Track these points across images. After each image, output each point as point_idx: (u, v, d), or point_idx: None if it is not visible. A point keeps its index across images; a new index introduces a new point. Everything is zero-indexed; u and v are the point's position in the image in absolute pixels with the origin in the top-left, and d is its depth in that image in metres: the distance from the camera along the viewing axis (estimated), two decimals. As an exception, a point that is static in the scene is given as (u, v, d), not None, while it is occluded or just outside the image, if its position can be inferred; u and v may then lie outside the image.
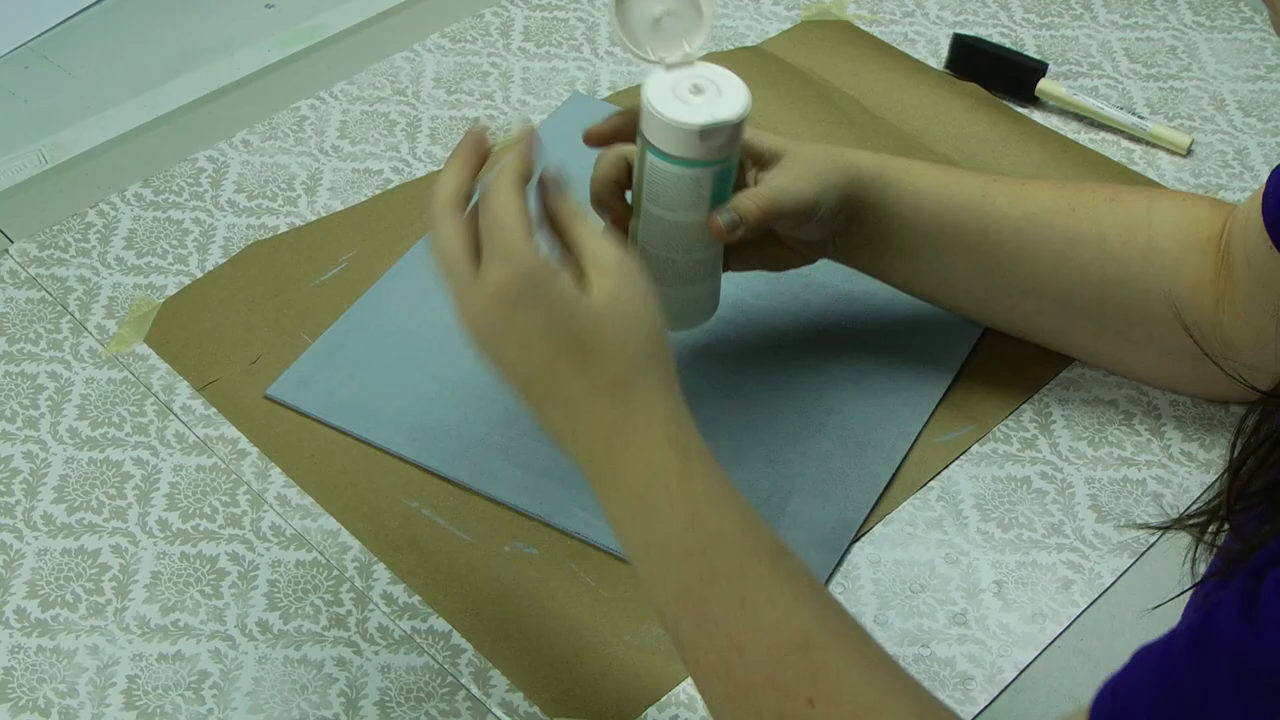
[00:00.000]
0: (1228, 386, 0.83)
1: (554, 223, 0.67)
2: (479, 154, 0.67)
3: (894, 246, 0.81)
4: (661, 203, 0.74)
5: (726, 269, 0.80)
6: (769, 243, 0.80)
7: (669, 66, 0.73)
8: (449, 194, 0.66)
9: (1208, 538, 0.57)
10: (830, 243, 0.81)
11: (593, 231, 0.66)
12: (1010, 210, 0.80)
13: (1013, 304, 0.83)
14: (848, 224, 0.80)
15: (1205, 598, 0.54)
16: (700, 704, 0.71)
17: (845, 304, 0.89)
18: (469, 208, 0.66)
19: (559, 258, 0.66)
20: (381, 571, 0.76)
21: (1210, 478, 0.82)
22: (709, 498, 0.62)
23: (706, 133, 0.70)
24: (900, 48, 1.08)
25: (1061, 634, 0.75)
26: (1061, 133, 1.02)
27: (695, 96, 0.72)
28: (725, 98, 0.72)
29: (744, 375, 0.85)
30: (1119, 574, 0.77)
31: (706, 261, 0.77)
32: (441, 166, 0.96)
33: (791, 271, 0.90)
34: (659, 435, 0.63)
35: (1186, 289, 0.79)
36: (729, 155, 0.73)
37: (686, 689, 0.72)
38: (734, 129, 0.71)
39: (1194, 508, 0.57)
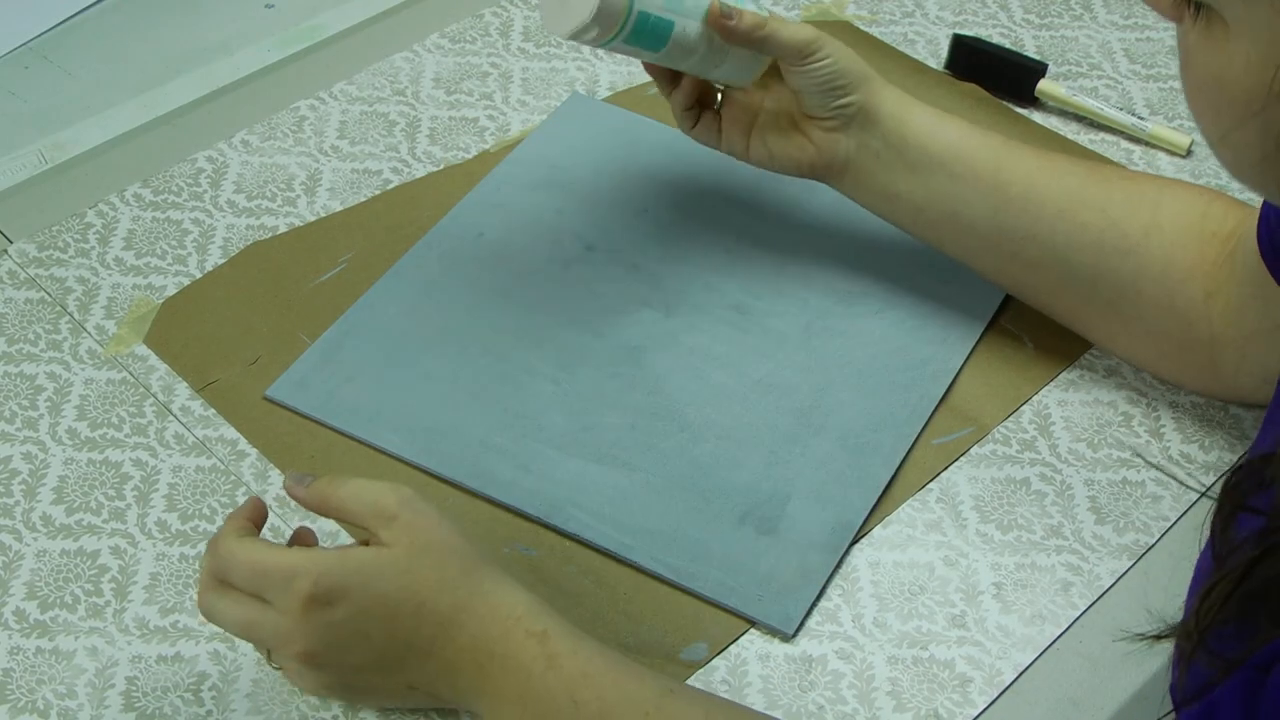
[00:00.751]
0: (1210, 380, 0.83)
1: (323, 511, 0.69)
2: (215, 546, 0.68)
3: (908, 161, 0.83)
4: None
5: (744, 153, 0.85)
6: (788, 124, 0.85)
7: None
8: (207, 580, 0.67)
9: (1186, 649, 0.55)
10: (844, 143, 0.83)
11: (357, 492, 0.67)
12: (1027, 159, 0.83)
13: (1014, 250, 0.83)
14: (863, 125, 0.83)
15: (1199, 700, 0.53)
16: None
17: (845, 304, 0.89)
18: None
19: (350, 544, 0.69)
20: (380, 573, 0.76)
21: (1210, 479, 0.81)
22: (583, 673, 0.65)
23: None
24: (900, 48, 1.08)
25: (1061, 636, 0.75)
26: (1061, 133, 1.02)
27: None
28: None
29: (743, 376, 0.85)
30: (1118, 576, 0.77)
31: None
32: (439, 167, 0.96)
33: (791, 271, 0.91)
34: (516, 634, 0.65)
35: (1180, 274, 0.80)
36: None
37: (685, 691, 0.72)
38: None
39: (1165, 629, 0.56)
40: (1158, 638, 0.55)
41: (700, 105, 0.86)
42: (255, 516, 0.69)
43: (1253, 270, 0.76)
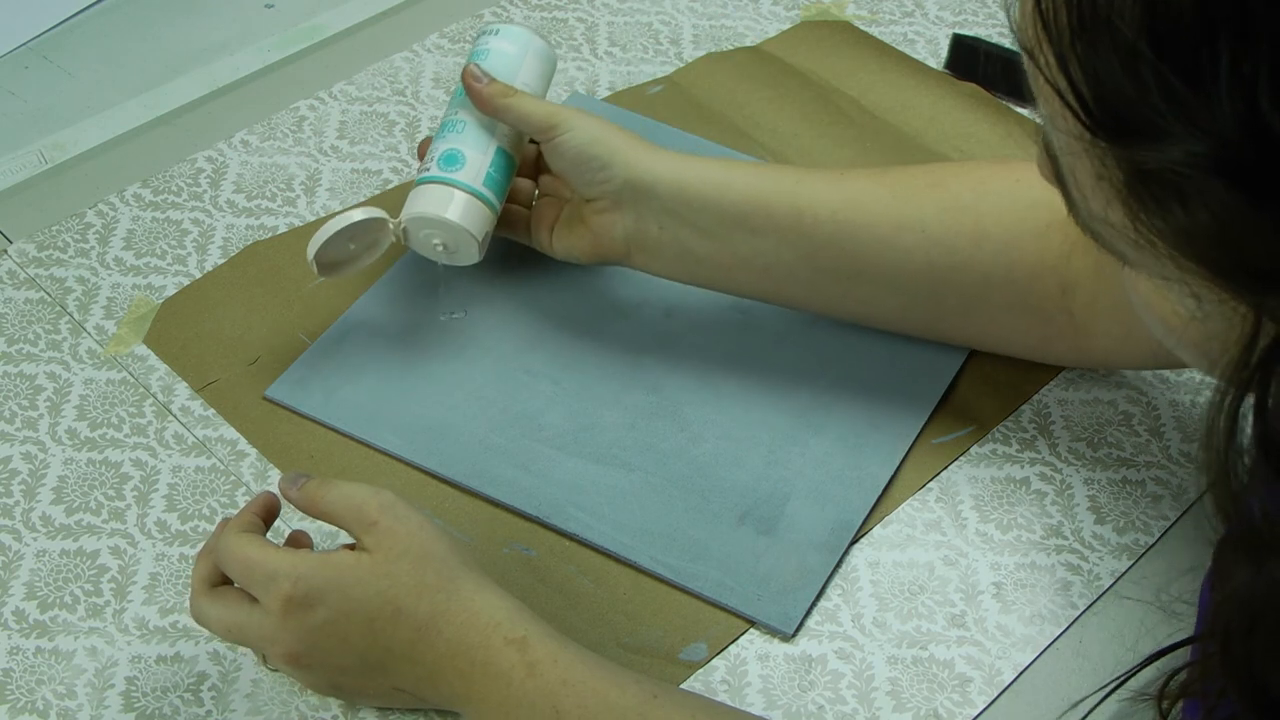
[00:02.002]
0: (1077, 355, 0.82)
1: (312, 514, 0.69)
2: (207, 552, 0.69)
3: (700, 227, 0.79)
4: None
5: (548, 249, 0.85)
6: (577, 214, 0.83)
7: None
8: (197, 585, 0.69)
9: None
10: (620, 223, 0.80)
11: (341, 496, 0.68)
12: (827, 195, 0.78)
13: (844, 290, 0.81)
14: (636, 200, 0.79)
15: None
16: (698, 706, 0.71)
17: (844, 305, 0.89)
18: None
19: (337, 547, 0.69)
20: (380, 573, 0.76)
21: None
22: (564, 680, 0.65)
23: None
24: (900, 48, 1.08)
25: (1060, 636, 0.75)
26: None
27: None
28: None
29: (743, 376, 0.85)
30: (1118, 576, 0.77)
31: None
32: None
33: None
34: (496, 641, 0.65)
35: (1026, 276, 0.77)
36: None
37: (685, 691, 0.72)
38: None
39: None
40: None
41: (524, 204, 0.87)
42: (265, 512, 0.70)
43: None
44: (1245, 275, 0.45)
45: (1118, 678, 0.57)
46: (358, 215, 0.79)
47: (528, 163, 0.86)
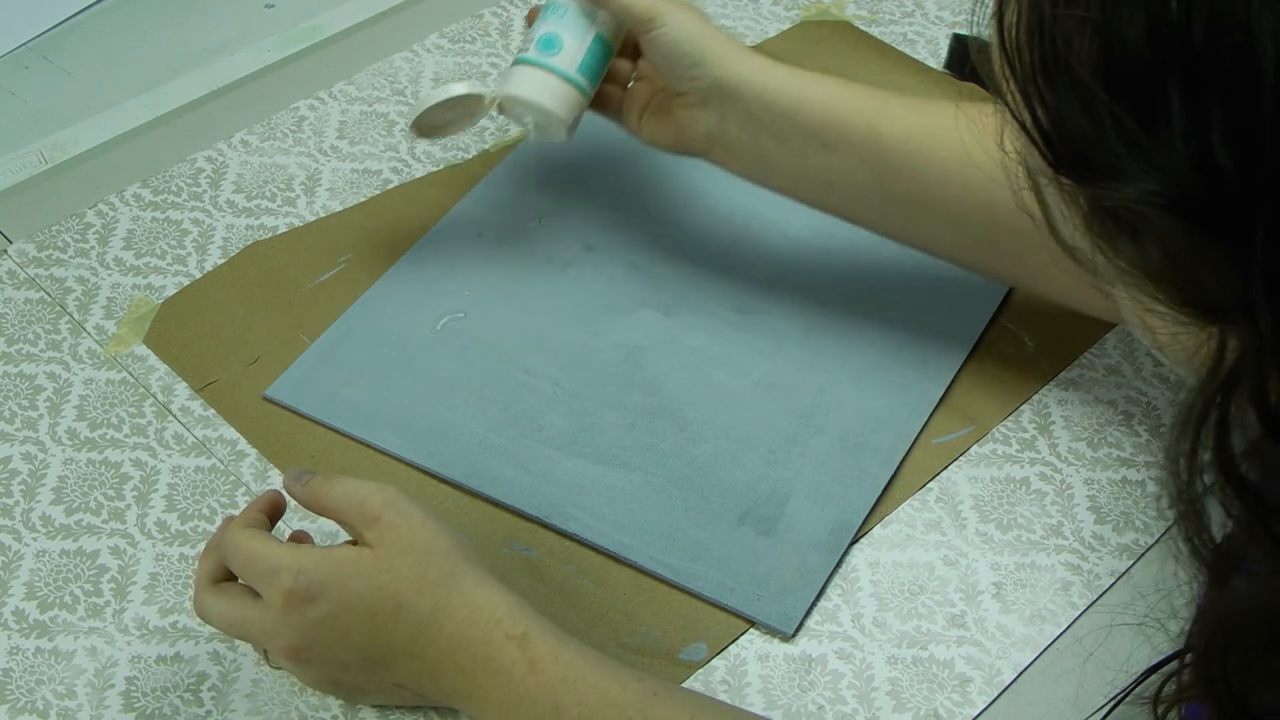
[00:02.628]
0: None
1: (316, 510, 0.70)
2: (212, 549, 0.70)
3: (775, 133, 0.80)
4: None
5: (637, 133, 0.86)
6: (665, 103, 0.83)
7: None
8: (201, 581, 0.69)
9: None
10: (704, 119, 0.82)
11: (345, 491, 0.69)
12: (904, 120, 0.79)
13: (907, 218, 0.81)
14: (721, 100, 0.80)
15: None
16: (698, 706, 0.71)
17: (845, 304, 0.89)
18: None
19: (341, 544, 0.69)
20: (380, 573, 0.76)
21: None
22: (564, 677, 0.65)
23: None
24: (900, 48, 1.08)
25: (1060, 636, 0.75)
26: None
27: None
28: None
29: (743, 376, 0.85)
30: (1118, 576, 0.77)
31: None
32: (438, 167, 0.96)
33: (790, 271, 0.91)
34: (497, 637, 0.65)
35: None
36: None
37: (685, 691, 0.72)
38: None
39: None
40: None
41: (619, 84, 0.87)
42: (270, 509, 0.70)
43: None
44: (1200, 307, 0.46)
45: (1119, 692, 0.57)
46: (460, 89, 0.81)
47: (628, 45, 0.86)
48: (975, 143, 0.77)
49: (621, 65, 0.86)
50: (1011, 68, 0.47)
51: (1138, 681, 0.56)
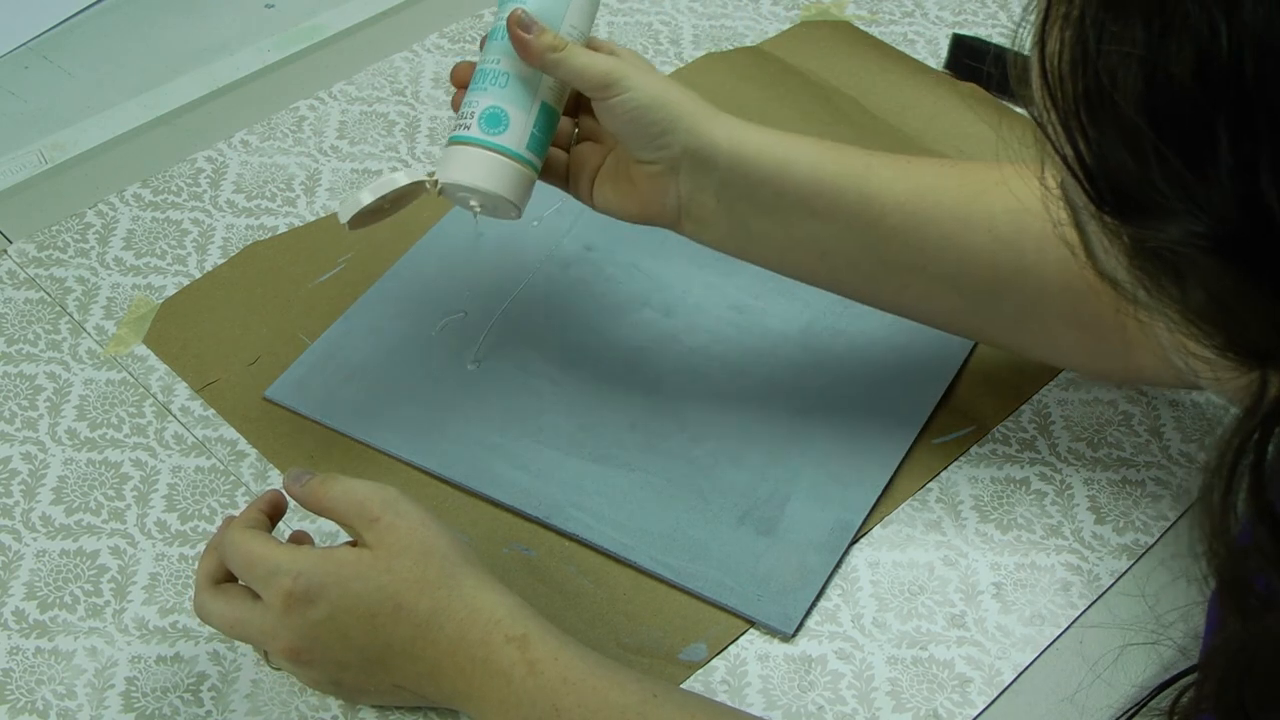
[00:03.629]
0: (1122, 371, 0.80)
1: (315, 510, 0.70)
2: (212, 549, 0.70)
3: (758, 203, 0.75)
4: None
5: (589, 201, 0.78)
6: (622, 169, 0.77)
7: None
8: (201, 581, 0.69)
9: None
10: (674, 188, 0.75)
11: (344, 492, 0.68)
12: (895, 184, 0.74)
13: (902, 284, 0.77)
14: (694, 168, 0.74)
15: None
16: (698, 706, 0.71)
17: (844, 304, 0.89)
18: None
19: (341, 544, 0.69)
20: (380, 573, 0.76)
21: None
22: (564, 679, 0.65)
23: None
24: (900, 48, 1.08)
25: (1060, 636, 0.75)
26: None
27: None
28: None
29: (742, 376, 0.85)
30: (1118, 576, 0.77)
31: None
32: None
33: (791, 272, 0.91)
34: (496, 639, 0.65)
35: (1085, 287, 0.73)
36: None
37: (685, 691, 0.72)
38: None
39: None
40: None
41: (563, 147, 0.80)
42: (270, 509, 0.70)
43: None
44: (1242, 350, 0.45)
45: (1132, 705, 0.57)
46: (402, 180, 0.74)
47: (569, 102, 0.78)
48: (970, 204, 0.75)
49: (562, 125, 0.78)
50: (1053, 99, 0.45)
51: (1151, 696, 0.55)
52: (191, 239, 0.92)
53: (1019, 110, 1.03)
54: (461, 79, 0.77)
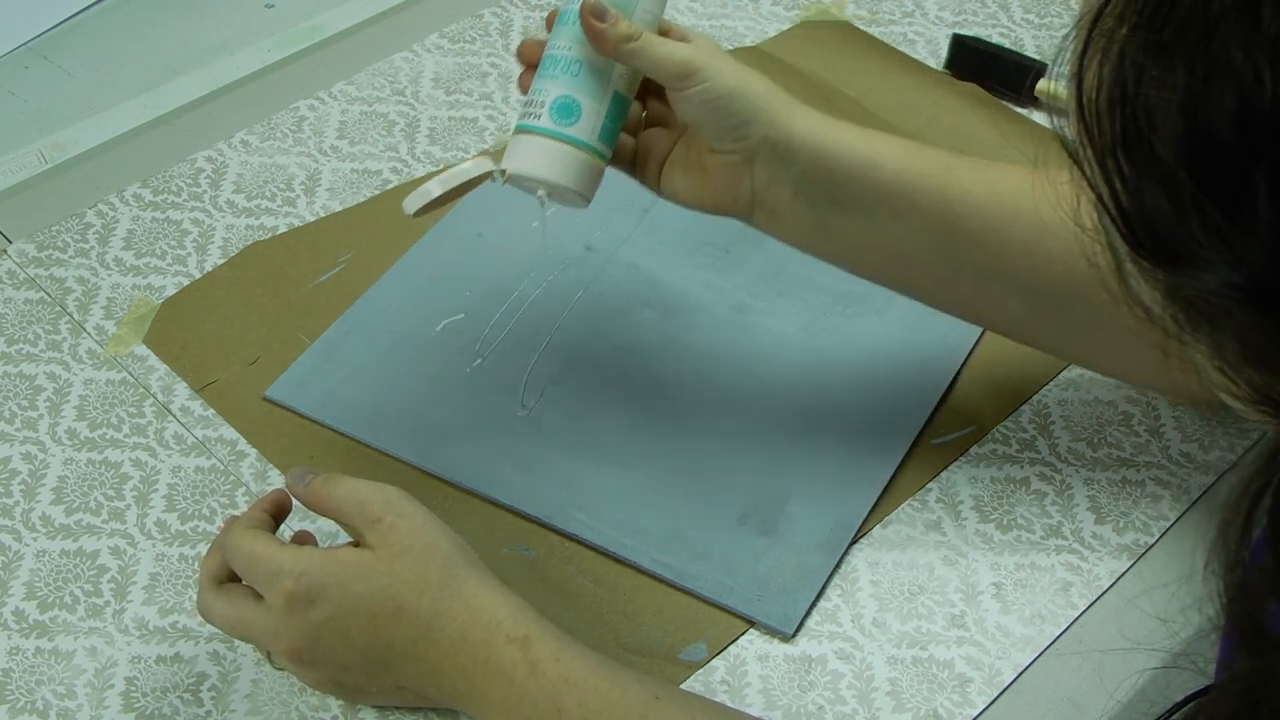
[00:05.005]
0: (1190, 387, 0.80)
1: (317, 510, 0.70)
2: (216, 548, 0.70)
3: (838, 200, 0.72)
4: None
5: (656, 188, 0.76)
6: (695, 156, 0.75)
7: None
8: (205, 581, 0.69)
9: None
10: (748, 180, 0.73)
11: (347, 493, 0.68)
12: (975, 188, 0.73)
13: (976, 289, 0.75)
14: (772, 160, 0.72)
15: None
16: (698, 706, 0.71)
17: (845, 304, 0.89)
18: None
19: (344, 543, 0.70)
20: (380, 573, 0.76)
21: (1209, 478, 0.81)
22: (566, 680, 0.64)
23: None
24: (900, 48, 1.08)
25: (1060, 636, 0.75)
26: (1061, 133, 1.02)
27: None
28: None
29: (743, 376, 0.85)
30: (1118, 576, 0.77)
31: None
32: (438, 167, 0.96)
33: (791, 271, 0.91)
34: (498, 639, 0.65)
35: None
36: None
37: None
38: None
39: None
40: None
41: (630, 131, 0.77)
42: (274, 509, 0.71)
43: None
44: (1273, 402, 0.43)
45: None
46: (472, 172, 0.72)
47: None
48: (1051, 212, 0.74)
49: (631, 109, 0.76)
50: (1089, 135, 0.44)
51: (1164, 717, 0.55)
52: (191, 239, 0.92)
53: (1019, 110, 1.03)
54: (530, 58, 0.75)
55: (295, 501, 0.71)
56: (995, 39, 1.08)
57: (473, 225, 0.93)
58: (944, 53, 1.07)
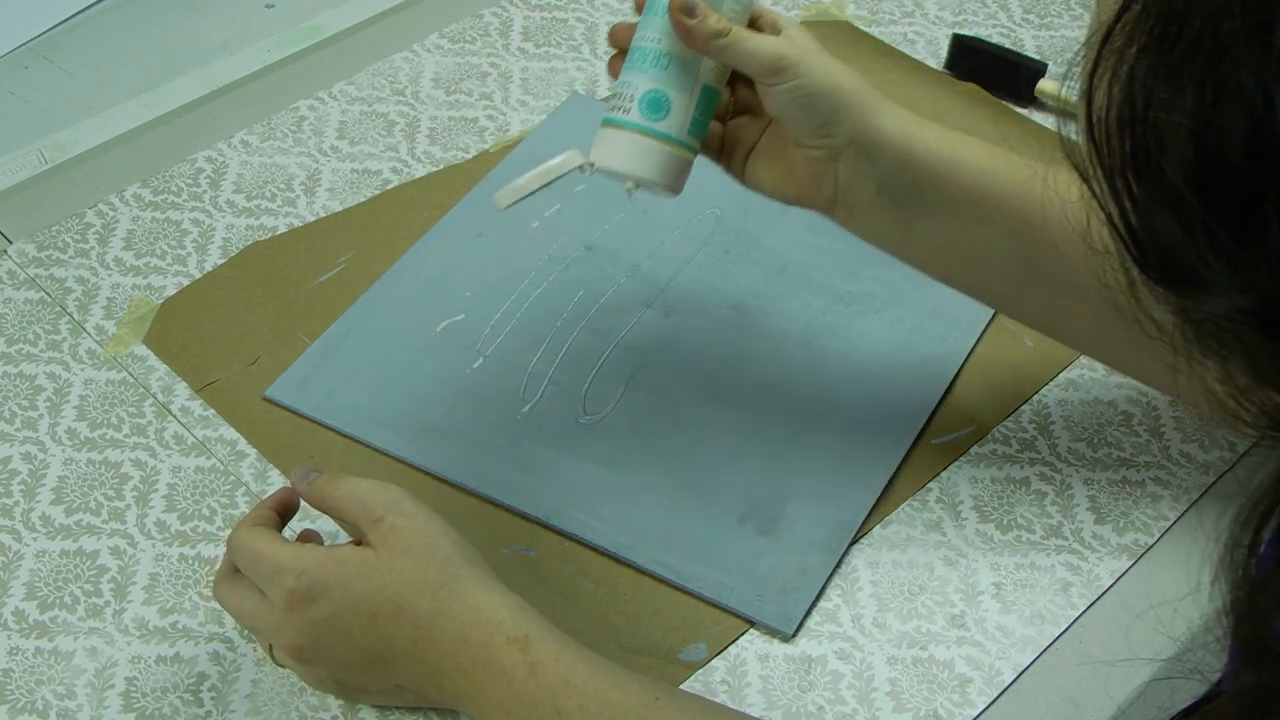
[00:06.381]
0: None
1: (321, 508, 0.70)
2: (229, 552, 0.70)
3: (922, 201, 0.72)
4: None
5: (740, 177, 0.76)
6: (779, 149, 0.75)
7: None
8: (223, 567, 0.70)
9: None
10: (833, 176, 0.73)
11: (349, 492, 0.69)
12: (1058, 190, 0.72)
13: (1049, 298, 0.74)
14: (857, 157, 0.72)
15: None
16: (698, 706, 0.71)
17: (845, 304, 0.89)
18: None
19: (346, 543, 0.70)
20: (380, 573, 0.76)
21: (1210, 478, 0.81)
22: (565, 681, 0.65)
23: None
24: (900, 48, 1.08)
25: (1060, 636, 0.75)
26: (1061, 133, 1.02)
27: None
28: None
29: (743, 376, 0.85)
30: (1118, 576, 0.77)
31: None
32: (438, 167, 0.96)
33: (791, 271, 0.91)
34: (498, 640, 0.65)
35: None
36: None
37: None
38: None
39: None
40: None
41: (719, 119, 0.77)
42: (281, 507, 0.71)
43: None
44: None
45: None
46: (563, 167, 0.72)
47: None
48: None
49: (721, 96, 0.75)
50: (1099, 154, 0.43)
51: None
52: (191, 239, 0.92)
53: (1019, 110, 1.03)
54: (620, 41, 0.74)
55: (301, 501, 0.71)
56: (995, 39, 1.08)
57: (473, 225, 0.93)
58: (944, 53, 1.07)
